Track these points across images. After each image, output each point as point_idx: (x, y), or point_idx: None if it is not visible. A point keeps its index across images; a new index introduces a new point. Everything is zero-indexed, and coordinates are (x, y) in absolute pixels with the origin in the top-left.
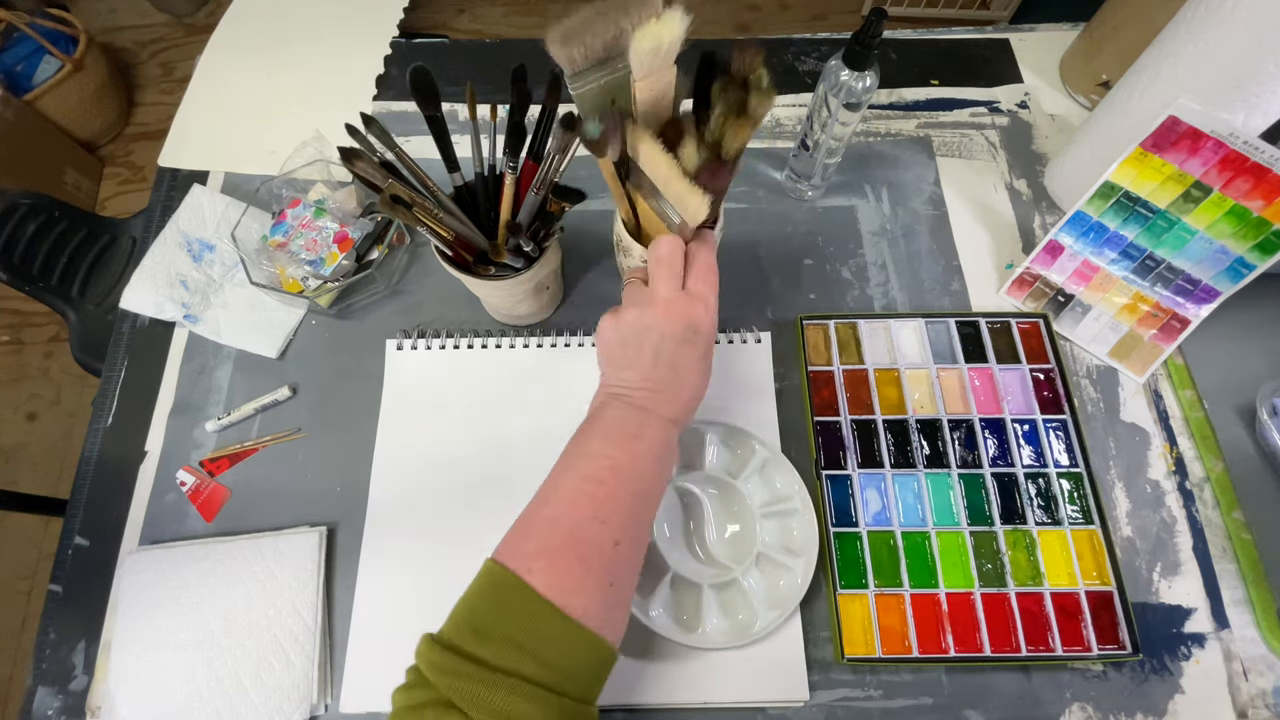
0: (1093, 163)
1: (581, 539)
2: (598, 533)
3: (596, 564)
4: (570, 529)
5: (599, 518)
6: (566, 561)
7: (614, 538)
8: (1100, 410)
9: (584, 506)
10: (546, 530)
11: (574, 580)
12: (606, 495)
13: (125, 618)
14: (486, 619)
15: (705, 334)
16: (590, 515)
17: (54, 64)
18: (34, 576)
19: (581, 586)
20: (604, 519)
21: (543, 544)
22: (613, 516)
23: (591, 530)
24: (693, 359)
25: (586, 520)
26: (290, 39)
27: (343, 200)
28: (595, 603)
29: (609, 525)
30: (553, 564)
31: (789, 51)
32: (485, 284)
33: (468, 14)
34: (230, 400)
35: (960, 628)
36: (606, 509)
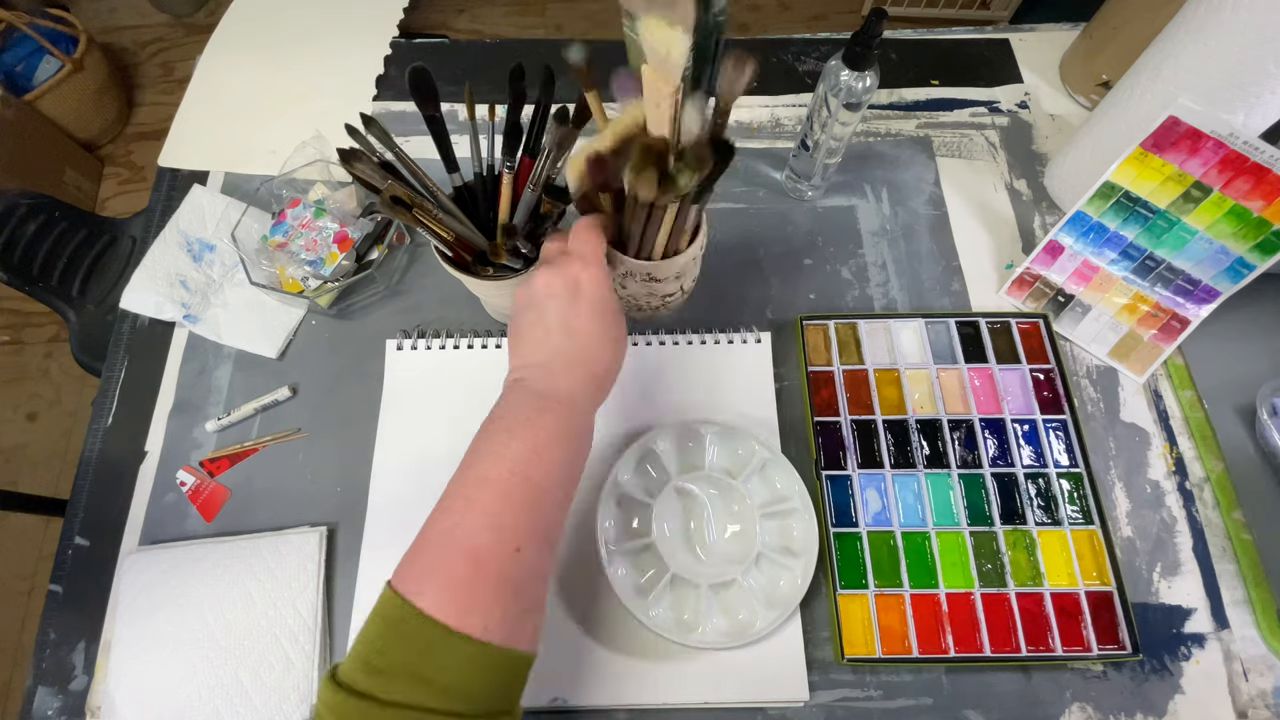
0: (1093, 163)
1: (475, 551)
2: (494, 541)
3: (495, 576)
4: (462, 541)
5: (495, 525)
6: (460, 579)
7: (514, 544)
8: (1100, 410)
9: (476, 514)
10: (438, 545)
11: (470, 599)
12: (502, 497)
13: (125, 618)
14: (378, 650)
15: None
16: (484, 524)
17: (54, 64)
18: (34, 576)
19: (479, 604)
20: (500, 525)
21: (434, 562)
22: (511, 522)
23: (486, 540)
24: (584, 324)
25: (480, 530)
26: (290, 39)
27: (343, 200)
28: (497, 618)
29: (506, 532)
30: (444, 583)
31: (789, 51)
32: (485, 284)
33: (468, 14)
34: (230, 400)
35: (960, 628)
36: (503, 515)
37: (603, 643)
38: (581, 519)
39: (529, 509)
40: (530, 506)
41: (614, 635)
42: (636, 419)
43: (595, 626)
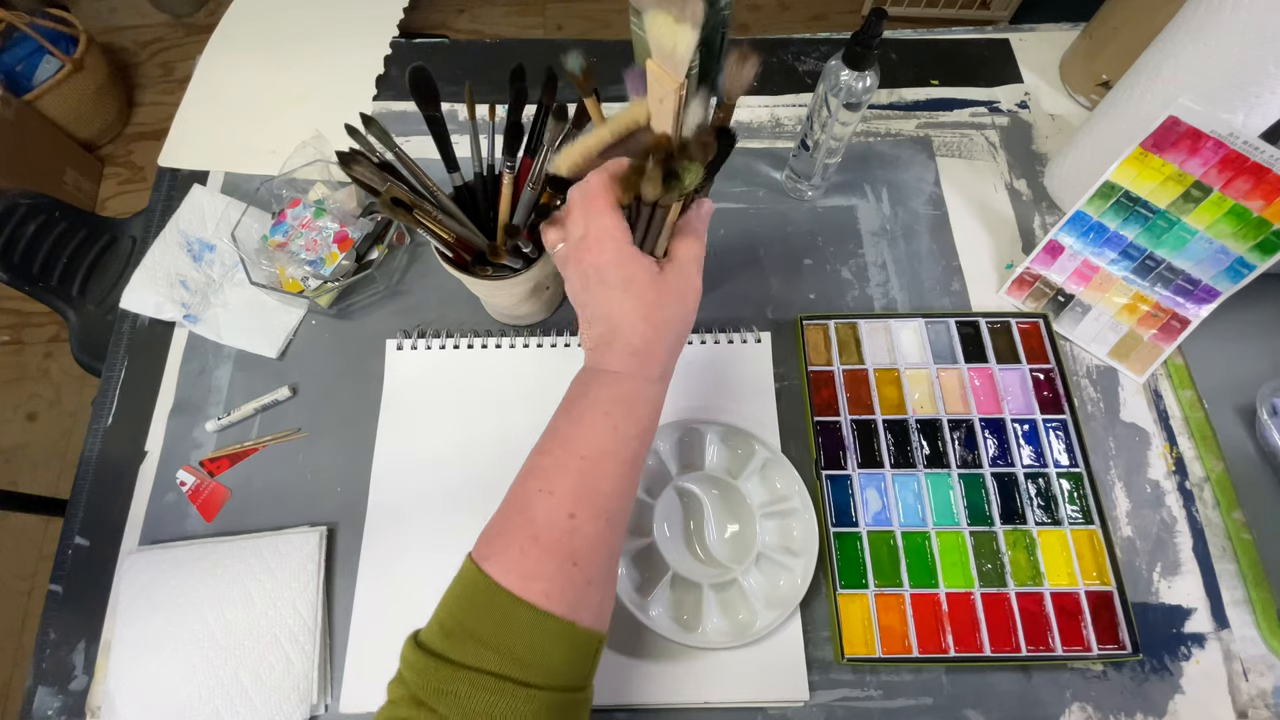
0: (1093, 163)
1: (533, 516)
2: (548, 506)
3: (551, 542)
4: (522, 507)
5: (547, 489)
6: (520, 543)
7: (567, 510)
8: (1100, 410)
9: (533, 479)
10: (504, 511)
11: (530, 563)
12: (553, 464)
13: (125, 618)
14: (453, 614)
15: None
16: (538, 487)
17: (54, 64)
18: (34, 576)
19: (539, 569)
20: (551, 489)
21: (500, 527)
22: (560, 486)
23: (541, 504)
24: (614, 299)
25: (534, 494)
26: (290, 39)
27: (343, 200)
28: (557, 585)
29: (558, 496)
30: (507, 547)
31: (789, 51)
32: (485, 284)
33: (468, 14)
34: (230, 400)
35: (960, 628)
36: (553, 479)
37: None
38: None
39: (576, 478)
40: (576, 476)
41: (614, 635)
42: None
43: None
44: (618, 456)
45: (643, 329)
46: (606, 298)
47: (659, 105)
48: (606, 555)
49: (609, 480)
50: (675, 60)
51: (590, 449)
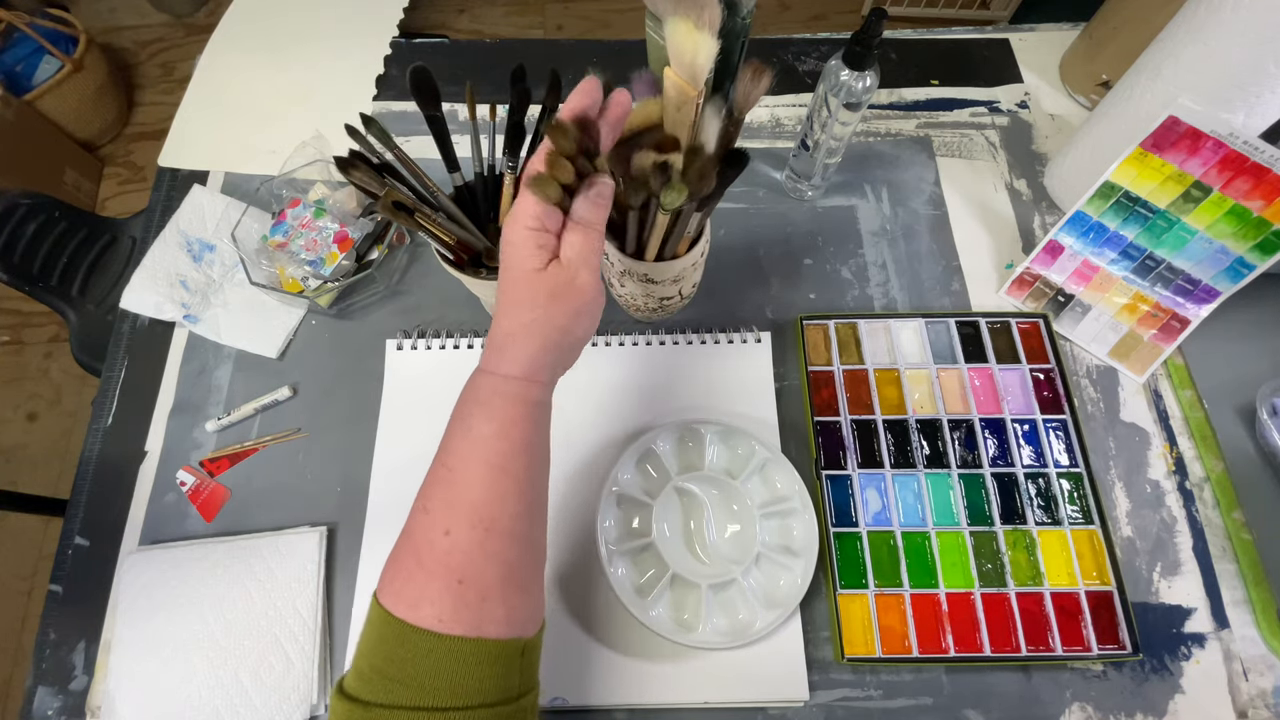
0: (1093, 163)
1: (414, 538)
2: (425, 524)
3: (431, 563)
4: (408, 529)
5: (423, 506)
6: (407, 568)
7: (442, 526)
8: (1100, 410)
9: (418, 498)
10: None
11: (415, 588)
12: (429, 479)
13: (125, 618)
14: (364, 654)
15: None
16: (420, 506)
17: (54, 64)
18: (34, 576)
19: (424, 593)
20: (426, 506)
21: (393, 554)
22: (435, 503)
23: (419, 524)
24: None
25: (416, 514)
26: (290, 39)
27: (343, 200)
28: (448, 607)
29: (431, 514)
30: (395, 575)
31: (789, 51)
32: (485, 284)
33: (468, 14)
34: (230, 400)
35: (960, 628)
36: (427, 494)
37: (603, 643)
38: (581, 519)
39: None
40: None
41: (614, 635)
42: (636, 419)
43: (595, 626)
44: (485, 461)
45: (504, 324)
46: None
47: (676, 113)
48: (499, 565)
49: (477, 488)
50: (695, 69)
51: (452, 456)
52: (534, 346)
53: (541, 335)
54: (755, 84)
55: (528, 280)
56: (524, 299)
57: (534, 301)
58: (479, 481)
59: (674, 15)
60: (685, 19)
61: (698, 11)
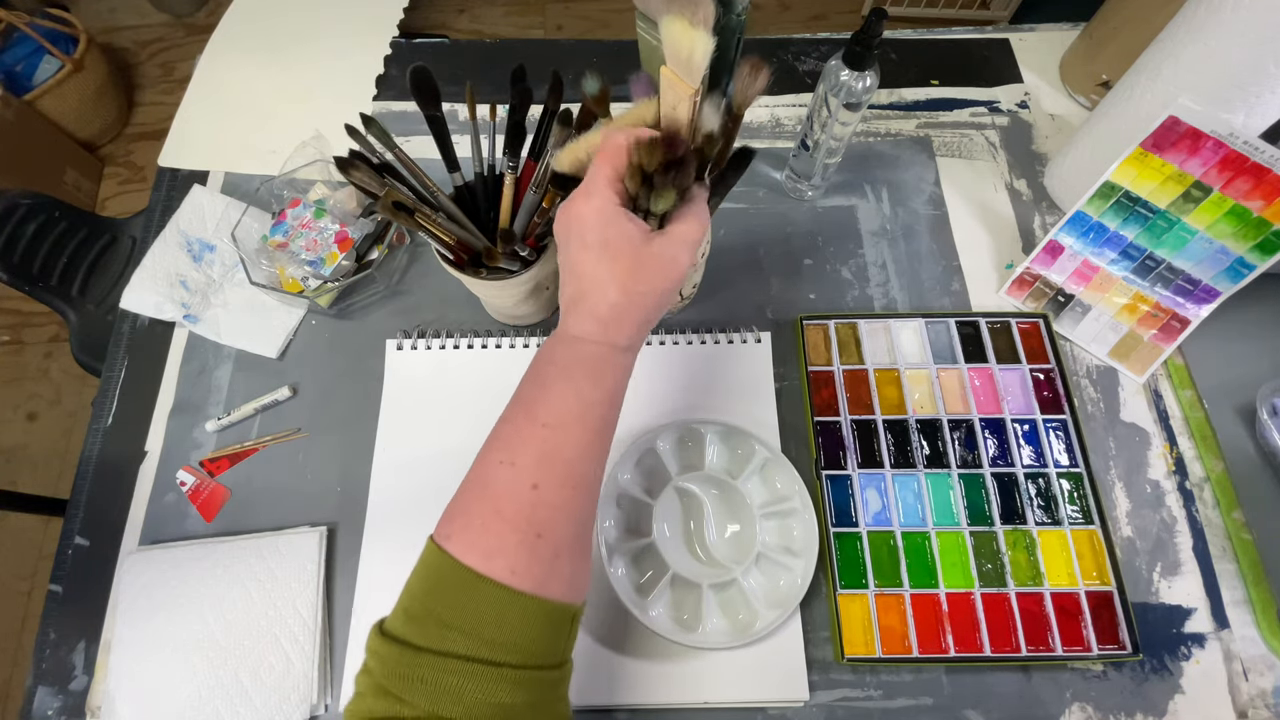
0: (1093, 163)
1: (494, 489)
2: (509, 477)
3: (513, 515)
4: (484, 480)
5: (507, 460)
6: (482, 517)
7: (530, 480)
8: (1100, 410)
9: (493, 450)
10: (465, 487)
11: (492, 538)
12: (514, 433)
13: (125, 618)
14: (416, 598)
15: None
16: (499, 459)
17: (54, 64)
18: (34, 576)
19: (502, 544)
20: (512, 460)
21: (460, 504)
22: (521, 456)
23: (502, 475)
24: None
25: (495, 466)
26: (290, 39)
27: (343, 200)
28: (523, 560)
29: (519, 468)
30: (468, 523)
31: (789, 51)
32: (485, 284)
33: (468, 14)
34: (230, 400)
35: (960, 628)
36: (514, 449)
37: (603, 642)
38: None
39: (538, 447)
40: (540, 440)
41: (614, 635)
42: (636, 419)
43: (595, 626)
44: (583, 422)
45: (613, 297)
46: (581, 256)
47: (673, 111)
48: (576, 524)
49: (573, 447)
50: (691, 67)
51: (553, 416)
52: (641, 318)
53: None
54: (753, 80)
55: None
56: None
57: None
58: (577, 442)
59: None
60: (680, 17)
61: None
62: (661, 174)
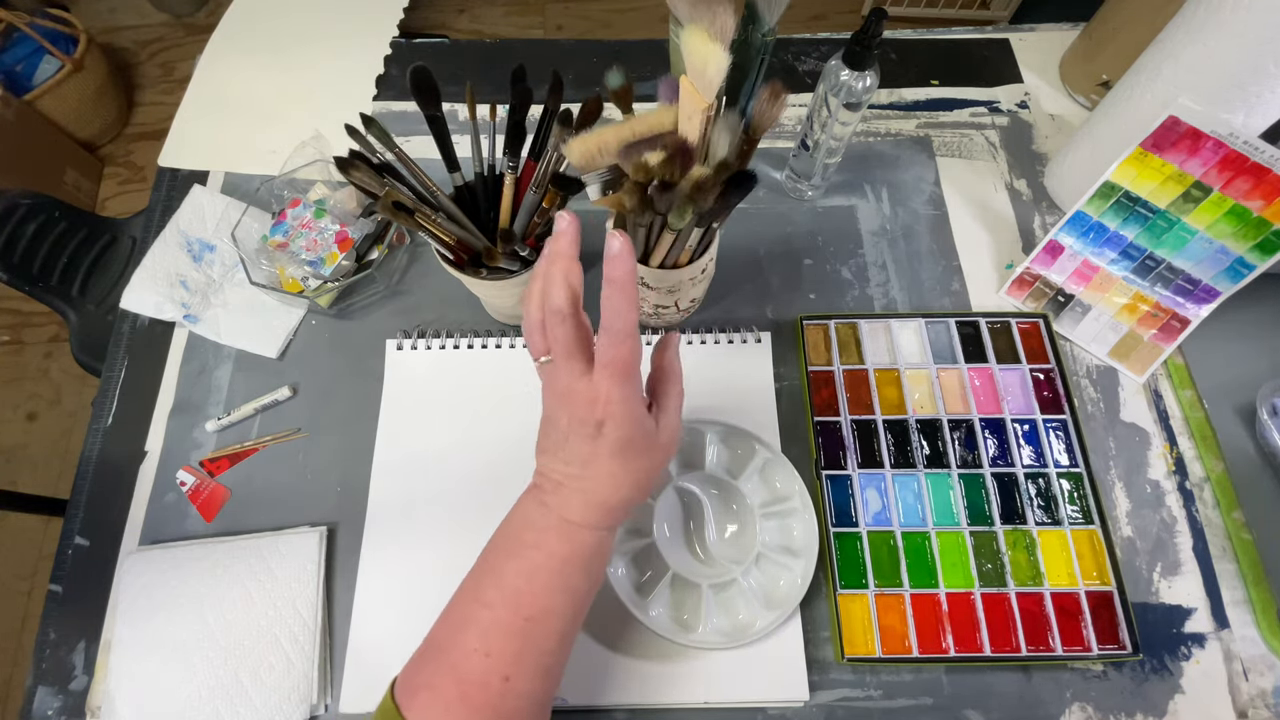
0: (1093, 163)
1: (465, 673)
2: (482, 668)
3: (481, 704)
4: (454, 662)
5: (484, 649)
6: (446, 701)
7: (503, 673)
8: (1100, 410)
9: (470, 635)
10: (433, 659)
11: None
12: (493, 622)
13: (125, 618)
14: None
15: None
16: (475, 647)
17: (54, 64)
18: (34, 576)
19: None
20: (488, 651)
21: (427, 677)
22: (499, 649)
23: (475, 665)
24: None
25: (471, 653)
26: (290, 39)
27: (343, 200)
28: None
29: (494, 659)
30: (432, 700)
31: (789, 51)
32: (485, 284)
33: (468, 14)
34: (230, 400)
35: (960, 628)
36: (492, 640)
37: (603, 643)
38: None
39: (519, 640)
40: (521, 635)
41: (614, 635)
42: None
43: (595, 626)
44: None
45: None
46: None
47: (688, 122)
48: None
49: (553, 638)
50: (706, 80)
51: (537, 609)
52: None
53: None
54: (771, 104)
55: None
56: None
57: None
58: (557, 635)
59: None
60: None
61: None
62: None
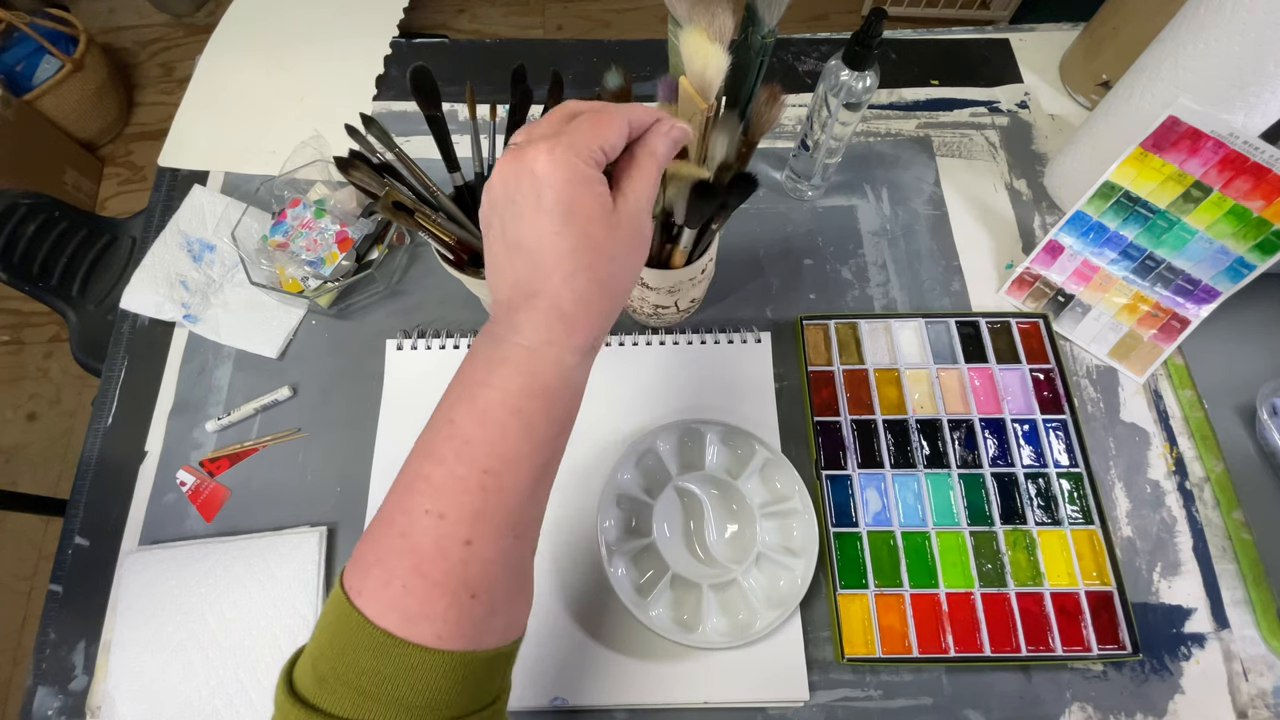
0: (1093, 163)
1: (418, 542)
2: (438, 531)
3: (441, 575)
4: (404, 530)
5: (437, 510)
6: (403, 577)
7: (463, 535)
8: (1100, 410)
9: (419, 494)
10: (383, 529)
11: (414, 601)
12: (445, 478)
13: (125, 618)
14: (326, 656)
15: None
16: (425, 507)
17: (54, 64)
18: (34, 576)
19: (426, 608)
20: (442, 511)
21: (377, 550)
22: (454, 508)
23: (429, 529)
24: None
25: (420, 515)
26: (290, 39)
27: (343, 200)
28: (451, 623)
29: (450, 521)
30: (387, 582)
31: (789, 51)
32: (485, 284)
33: (468, 14)
34: (230, 400)
35: (960, 628)
36: (446, 498)
37: (603, 643)
38: (581, 519)
39: (478, 492)
40: (479, 489)
41: (614, 635)
42: (636, 419)
43: (595, 626)
44: (531, 461)
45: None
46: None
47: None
48: (514, 573)
49: (515, 493)
50: (705, 82)
51: (495, 459)
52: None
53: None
54: (769, 108)
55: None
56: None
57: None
58: (520, 487)
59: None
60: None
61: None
62: None
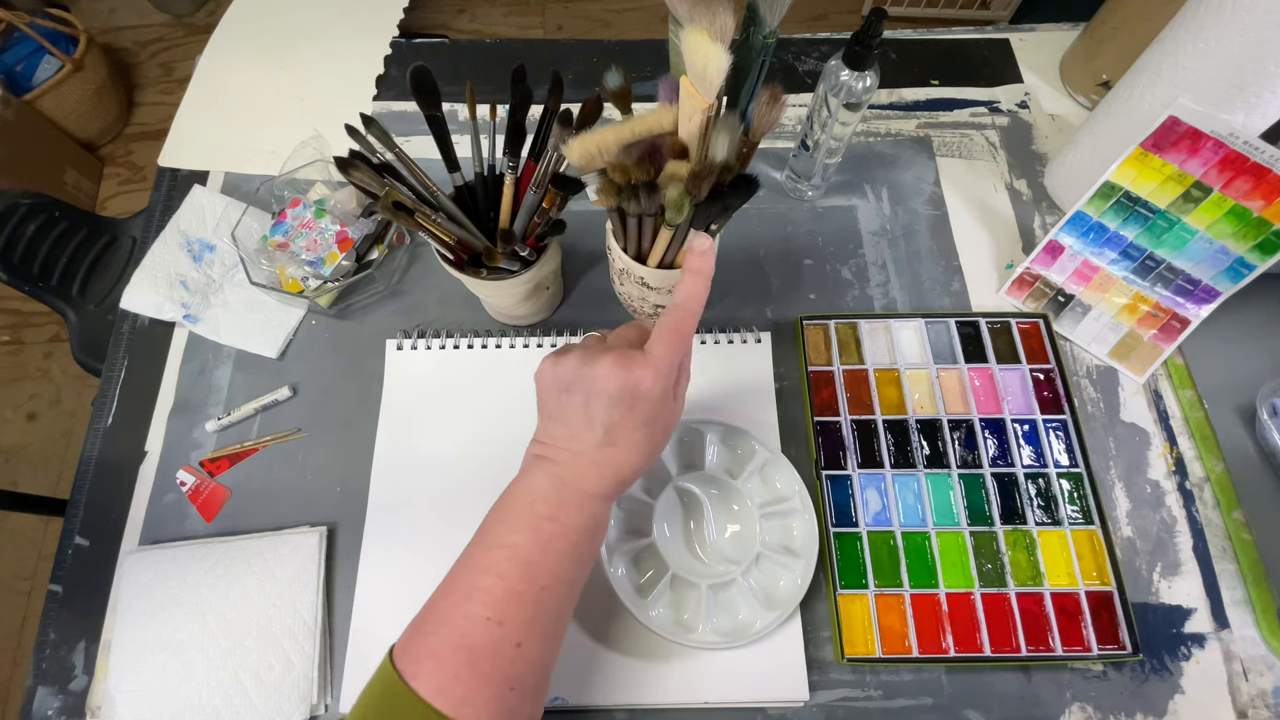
0: (1093, 163)
1: (475, 642)
2: (493, 635)
3: (491, 671)
4: (463, 631)
5: (496, 618)
6: (455, 669)
7: (515, 639)
8: (1100, 410)
9: (478, 604)
10: (441, 628)
11: (464, 689)
12: (506, 592)
13: (125, 618)
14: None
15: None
16: (485, 615)
17: (54, 64)
18: (34, 576)
19: (473, 696)
20: (501, 619)
21: (434, 646)
22: (512, 617)
23: (485, 633)
24: (628, 428)
25: (480, 621)
26: (290, 39)
27: (343, 200)
28: (490, 710)
29: (507, 627)
30: (440, 669)
31: (789, 51)
32: (485, 284)
33: (468, 14)
34: (230, 400)
35: (960, 628)
36: (505, 609)
37: (603, 643)
38: None
39: (532, 607)
40: (532, 605)
41: (614, 635)
42: None
43: (595, 626)
44: (574, 582)
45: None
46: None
47: (688, 123)
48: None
49: (562, 603)
50: (706, 80)
51: (550, 577)
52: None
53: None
54: (770, 108)
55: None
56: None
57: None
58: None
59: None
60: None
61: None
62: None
